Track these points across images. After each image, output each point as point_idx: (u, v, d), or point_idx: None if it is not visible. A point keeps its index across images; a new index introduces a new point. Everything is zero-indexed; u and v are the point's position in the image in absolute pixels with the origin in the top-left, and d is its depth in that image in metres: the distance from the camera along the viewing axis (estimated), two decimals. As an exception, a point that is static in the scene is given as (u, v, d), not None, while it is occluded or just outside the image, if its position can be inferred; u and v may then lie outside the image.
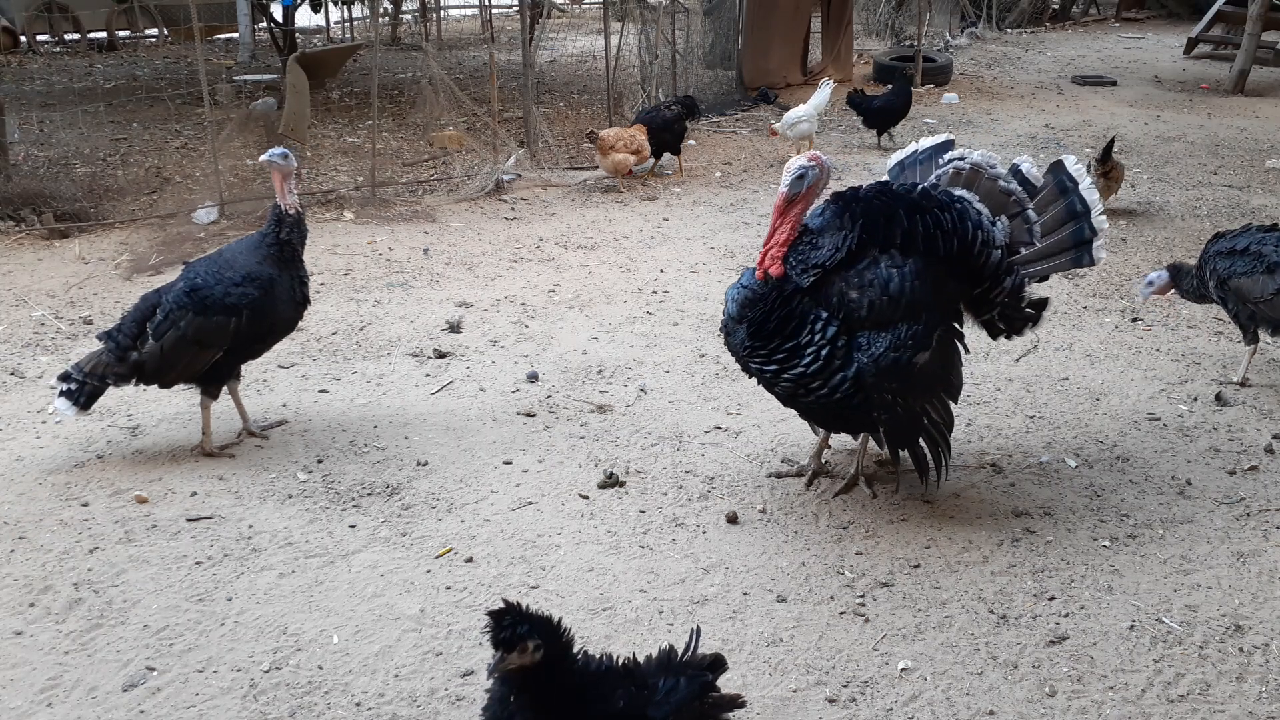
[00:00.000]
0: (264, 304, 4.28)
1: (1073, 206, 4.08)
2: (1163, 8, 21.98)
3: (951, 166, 4.11)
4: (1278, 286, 4.80)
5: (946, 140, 4.37)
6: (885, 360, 3.64)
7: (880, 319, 3.67)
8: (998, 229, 3.93)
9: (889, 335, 3.66)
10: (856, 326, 3.68)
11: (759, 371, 3.85)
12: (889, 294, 3.66)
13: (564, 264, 7.05)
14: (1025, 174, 4.15)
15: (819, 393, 3.72)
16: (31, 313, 6.05)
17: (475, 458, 4.46)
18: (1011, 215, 4.02)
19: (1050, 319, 5.97)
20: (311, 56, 11.69)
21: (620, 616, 3.43)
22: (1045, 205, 4.12)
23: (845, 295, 3.68)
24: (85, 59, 15.26)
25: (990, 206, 3.96)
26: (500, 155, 9.07)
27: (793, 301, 3.70)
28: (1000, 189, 4.03)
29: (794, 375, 3.72)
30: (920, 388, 3.78)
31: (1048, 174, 4.20)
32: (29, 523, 3.93)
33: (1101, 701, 3.06)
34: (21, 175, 8.23)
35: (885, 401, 3.70)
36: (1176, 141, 10.72)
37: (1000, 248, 3.90)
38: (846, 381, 3.68)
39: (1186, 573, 3.68)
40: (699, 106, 10.39)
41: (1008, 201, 4.03)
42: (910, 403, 3.77)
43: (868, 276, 3.68)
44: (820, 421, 4.14)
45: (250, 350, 4.45)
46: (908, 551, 3.79)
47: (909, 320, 3.68)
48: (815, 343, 3.67)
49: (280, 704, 3.05)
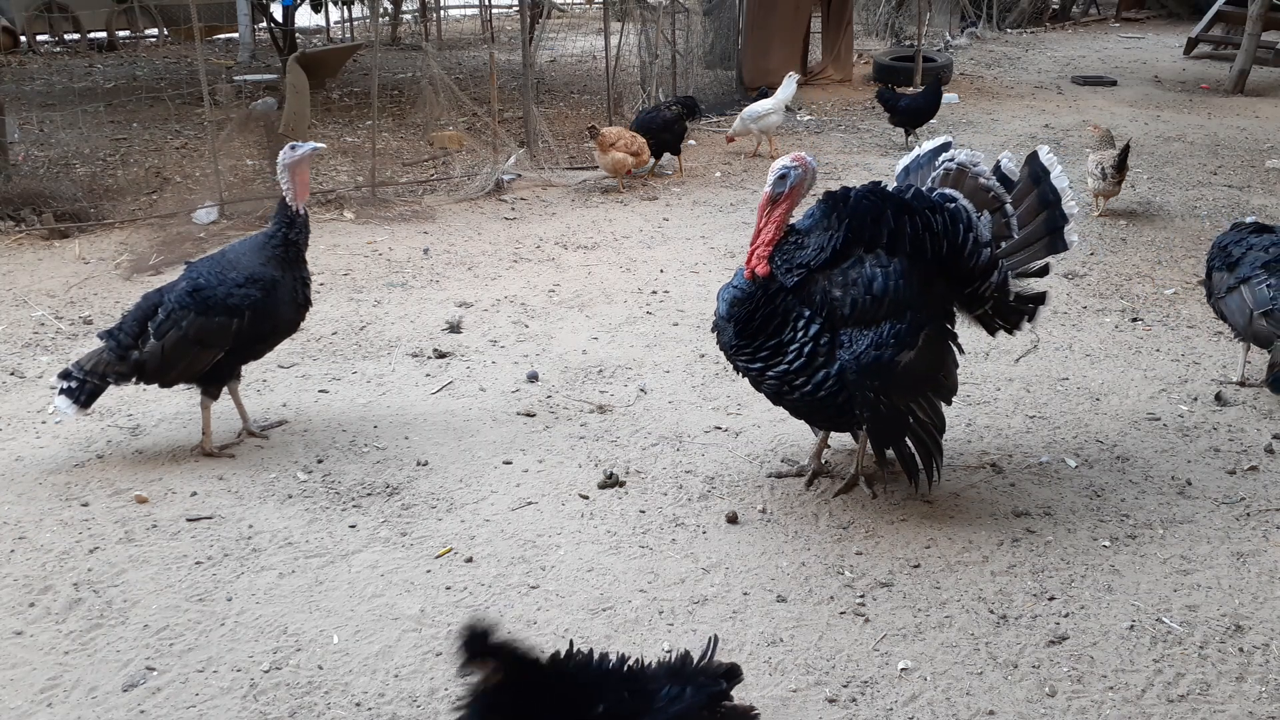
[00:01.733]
0: (266, 305, 4.28)
1: (1045, 196, 4.20)
2: (1163, 8, 21.99)
3: (943, 168, 4.20)
4: (1229, 285, 4.85)
5: (945, 142, 4.41)
6: (867, 358, 3.68)
7: (863, 317, 3.71)
8: (982, 225, 3.99)
9: (871, 334, 3.70)
10: (840, 325, 3.73)
11: (745, 369, 3.94)
12: (872, 293, 3.70)
13: (564, 264, 7.05)
14: (1004, 170, 4.25)
15: (803, 390, 3.79)
16: (31, 313, 6.05)
17: (475, 458, 4.46)
18: (992, 210, 4.11)
19: (1050, 319, 6.00)
20: (311, 56, 11.70)
21: (620, 616, 3.43)
22: (1021, 197, 4.22)
23: (829, 294, 3.73)
24: (85, 59, 15.26)
25: (975, 204, 4.03)
26: (500, 155, 9.07)
27: (776, 300, 3.76)
28: (981, 186, 4.12)
29: (778, 373, 3.80)
30: (904, 386, 3.80)
31: (1024, 166, 4.29)
32: (29, 523, 3.93)
33: (1101, 701, 3.07)
34: (21, 175, 8.23)
35: (868, 400, 3.73)
36: (1176, 141, 10.72)
37: (988, 245, 3.97)
38: (830, 379, 3.73)
39: (1186, 573, 3.68)
40: (699, 106, 10.40)
41: (988, 198, 4.13)
42: (894, 401, 3.79)
43: (851, 275, 3.72)
44: (808, 419, 4.17)
45: (252, 351, 4.45)
46: (908, 551, 3.79)
47: (893, 319, 3.71)
48: (798, 340, 3.74)
49: (280, 704, 3.05)
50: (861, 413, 3.78)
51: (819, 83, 13.52)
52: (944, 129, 11.09)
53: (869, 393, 3.71)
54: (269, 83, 12.22)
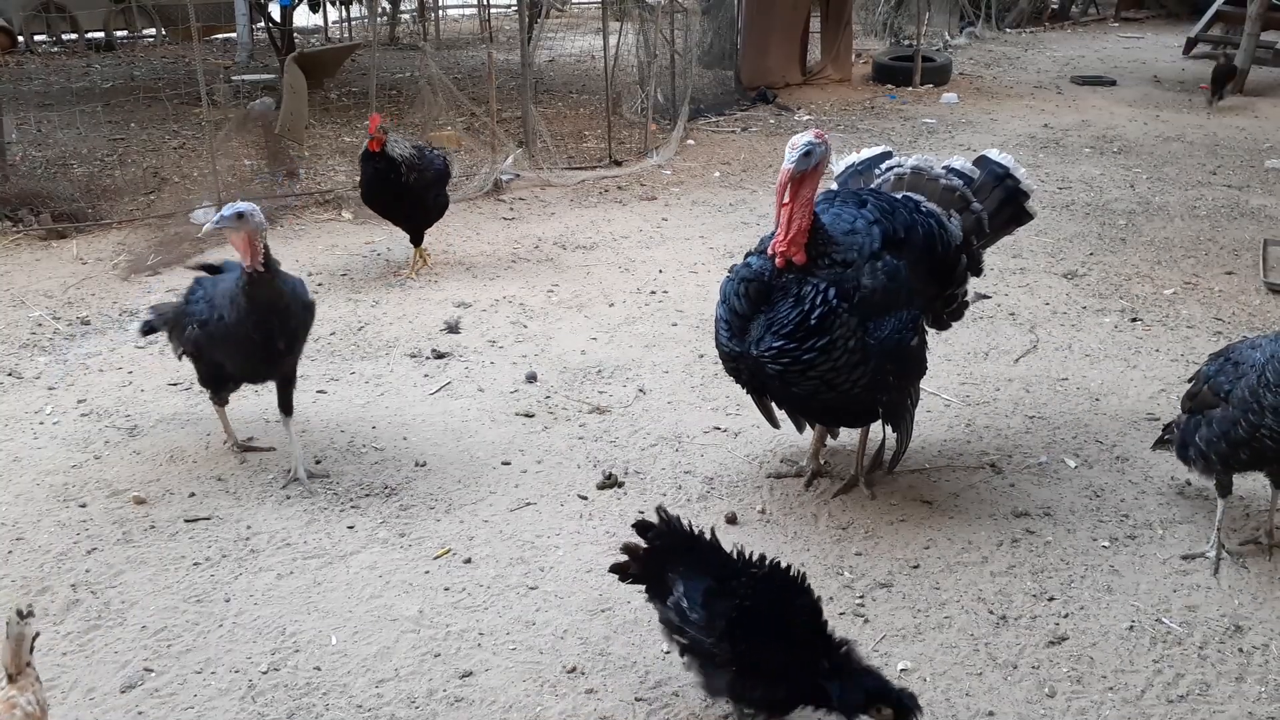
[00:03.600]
0: (211, 338, 4.11)
1: (1003, 183, 4.38)
2: (1162, 8, 21.96)
3: (891, 174, 4.27)
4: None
5: (884, 152, 4.53)
6: (890, 342, 3.65)
7: (888, 304, 3.68)
8: (953, 226, 4.06)
9: (892, 319, 3.67)
10: (870, 314, 3.64)
11: (782, 370, 3.61)
12: (897, 281, 3.70)
13: (562, 264, 7.04)
14: (960, 169, 4.32)
15: (841, 387, 3.63)
16: (29, 313, 6.03)
17: (474, 458, 4.45)
18: (959, 210, 4.18)
19: (1050, 319, 6.00)
20: (309, 56, 11.66)
21: (619, 617, 3.42)
22: (982, 191, 4.35)
23: (860, 283, 3.63)
24: (83, 59, 15.23)
25: (939, 205, 4.10)
26: (498, 155, 9.05)
27: (822, 294, 3.57)
28: (944, 187, 4.17)
29: (823, 370, 3.58)
30: (912, 369, 3.88)
31: (975, 164, 4.41)
32: (27, 524, 3.93)
33: (1101, 702, 3.06)
34: (19, 175, 8.21)
35: (887, 384, 3.73)
36: (1176, 141, 10.71)
37: (961, 246, 4.06)
38: (867, 374, 3.64)
39: (1186, 573, 3.67)
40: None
41: (954, 198, 4.19)
42: (904, 384, 3.85)
43: (877, 265, 3.69)
44: (819, 418, 4.10)
45: (225, 374, 4.31)
46: (907, 552, 3.78)
47: (908, 305, 3.75)
48: (844, 335, 3.57)
49: (278, 705, 3.04)
50: (881, 397, 3.75)
51: (818, 82, 13.51)
52: (943, 129, 11.10)
53: (890, 376, 3.70)
54: (267, 83, 12.18)
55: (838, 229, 3.73)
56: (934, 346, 4.48)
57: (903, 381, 3.84)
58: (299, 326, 4.18)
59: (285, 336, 4.10)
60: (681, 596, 2.80)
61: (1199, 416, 3.67)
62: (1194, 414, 3.72)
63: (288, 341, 4.14)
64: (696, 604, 2.76)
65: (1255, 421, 3.39)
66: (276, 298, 4.00)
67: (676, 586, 2.82)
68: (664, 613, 2.87)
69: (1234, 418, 3.47)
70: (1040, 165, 9.39)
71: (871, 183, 4.29)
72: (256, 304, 3.94)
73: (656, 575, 2.90)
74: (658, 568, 2.90)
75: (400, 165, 6.41)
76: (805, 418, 4.16)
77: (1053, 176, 9.10)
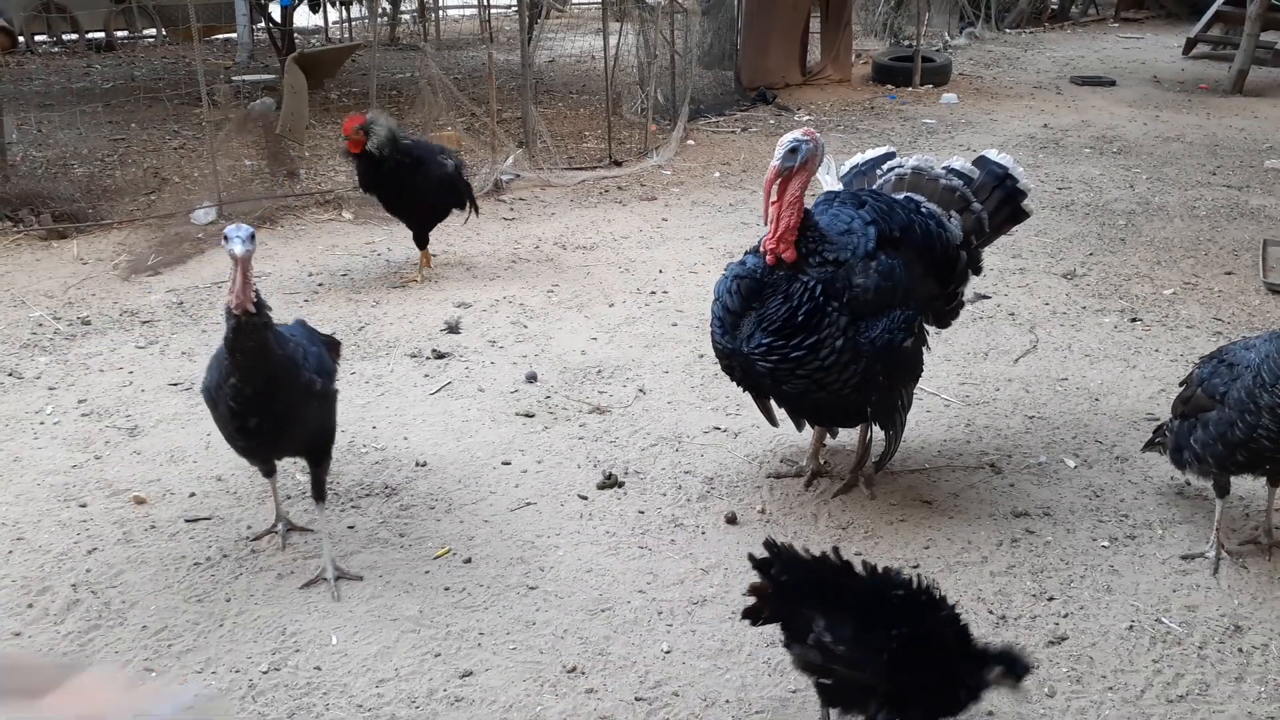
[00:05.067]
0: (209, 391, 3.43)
1: (1003, 183, 4.36)
2: (1161, 8, 21.96)
3: (893, 175, 4.28)
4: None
5: (887, 152, 4.53)
6: (880, 341, 3.65)
7: (881, 303, 3.68)
8: (953, 226, 4.07)
9: (884, 319, 3.67)
10: (862, 313, 3.65)
11: (773, 367, 3.65)
12: (892, 280, 3.69)
13: (562, 264, 7.04)
14: (960, 170, 4.32)
15: (831, 386, 3.66)
16: (29, 313, 6.03)
17: (474, 458, 4.45)
18: (960, 210, 4.18)
19: (1049, 319, 6.00)
20: (310, 57, 11.65)
21: (619, 617, 3.43)
22: (982, 190, 4.35)
23: (852, 282, 3.64)
24: (83, 59, 15.23)
25: (939, 205, 4.11)
26: (499, 155, 9.05)
27: (812, 293, 3.59)
28: (944, 187, 4.18)
29: (811, 369, 3.61)
30: (905, 371, 3.87)
31: (975, 164, 4.41)
32: (27, 524, 3.93)
33: (1101, 702, 3.06)
34: (20, 176, 8.21)
35: (877, 384, 3.72)
36: (1175, 141, 10.71)
37: (961, 245, 4.06)
38: (858, 373, 3.65)
39: (1186, 573, 3.68)
40: None
41: (954, 198, 4.19)
42: (894, 384, 3.84)
43: (872, 264, 3.69)
44: (811, 417, 4.09)
45: None
46: (907, 552, 3.79)
47: (902, 305, 3.74)
48: (831, 334, 3.60)
49: (279, 705, 3.04)
50: (871, 397, 3.75)
51: (818, 83, 13.51)
52: (943, 129, 11.10)
53: (879, 376, 3.70)
54: (267, 83, 12.19)
55: (834, 229, 3.73)
56: (934, 346, 4.49)
57: (892, 382, 3.81)
58: (295, 405, 3.33)
59: (268, 415, 3.26)
60: (824, 631, 2.56)
61: (1193, 420, 3.67)
62: (1187, 418, 3.72)
63: (274, 422, 3.30)
64: (847, 638, 2.54)
65: (1252, 422, 3.39)
66: (262, 357, 3.18)
67: (817, 622, 2.57)
68: (803, 653, 2.64)
69: (1230, 419, 3.47)
70: (1040, 165, 9.39)
71: (874, 183, 4.29)
72: (237, 362, 3.19)
73: (789, 612, 2.67)
74: (789, 603, 2.66)
75: (385, 162, 6.30)
76: (801, 417, 4.16)
77: (1052, 177, 9.10)
